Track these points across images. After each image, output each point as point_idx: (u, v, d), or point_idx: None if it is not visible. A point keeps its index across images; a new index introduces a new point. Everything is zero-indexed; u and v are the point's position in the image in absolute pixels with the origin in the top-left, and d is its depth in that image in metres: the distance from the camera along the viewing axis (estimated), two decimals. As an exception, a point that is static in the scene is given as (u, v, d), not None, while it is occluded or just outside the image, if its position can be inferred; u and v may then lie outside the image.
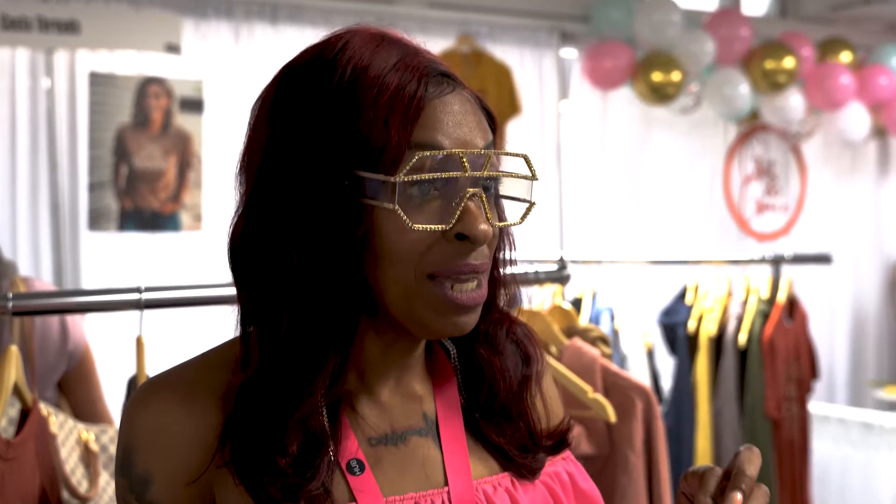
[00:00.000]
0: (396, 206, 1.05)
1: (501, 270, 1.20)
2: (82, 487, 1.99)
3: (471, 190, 1.08)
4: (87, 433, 2.07)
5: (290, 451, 1.06)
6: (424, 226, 1.06)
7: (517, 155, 1.13)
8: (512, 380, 1.23)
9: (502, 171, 1.13)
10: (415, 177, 1.06)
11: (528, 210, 1.17)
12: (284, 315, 1.09)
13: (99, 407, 2.66)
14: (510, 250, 1.21)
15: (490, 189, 1.13)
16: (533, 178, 1.15)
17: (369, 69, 1.09)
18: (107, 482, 2.06)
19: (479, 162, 1.10)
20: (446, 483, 1.15)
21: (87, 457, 2.04)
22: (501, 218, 1.17)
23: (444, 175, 1.07)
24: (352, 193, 1.07)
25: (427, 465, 1.16)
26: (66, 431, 2.02)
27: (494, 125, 1.16)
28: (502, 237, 1.19)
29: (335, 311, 1.09)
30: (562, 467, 1.26)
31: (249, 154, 1.16)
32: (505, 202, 1.20)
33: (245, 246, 1.12)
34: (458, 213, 1.07)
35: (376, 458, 1.14)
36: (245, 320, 1.15)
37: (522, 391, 1.24)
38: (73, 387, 2.61)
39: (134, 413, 1.13)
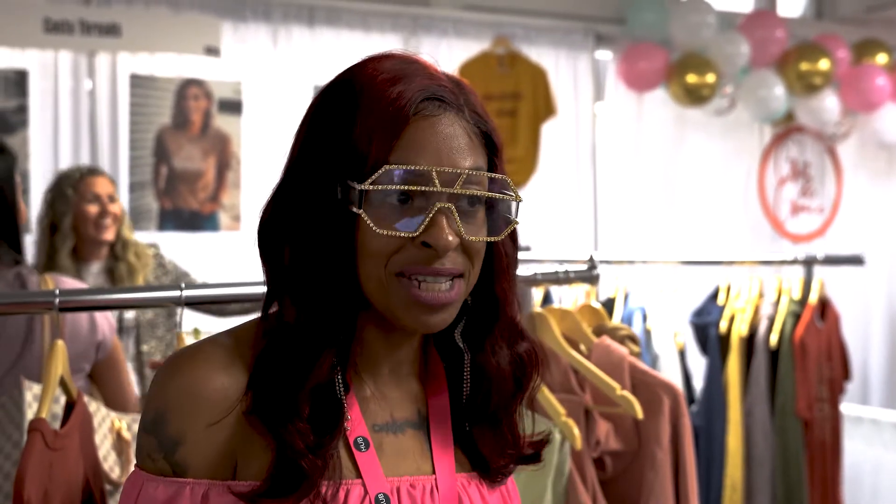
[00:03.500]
0: (361, 212, 1.18)
1: (503, 285, 1.30)
2: (114, 473, 2.05)
3: (440, 204, 1.18)
4: (120, 421, 2.12)
5: (304, 416, 1.18)
6: (387, 231, 1.18)
7: (498, 176, 1.24)
8: (508, 391, 1.33)
9: (479, 191, 1.22)
10: (381, 187, 1.18)
11: (509, 228, 1.27)
12: (291, 298, 1.22)
13: (130, 397, 2.74)
14: (509, 267, 1.31)
15: (474, 206, 1.23)
16: (515, 198, 1.25)
17: (374, 88, 1.21)
18: None
19: (454, 180, 1.20)
20: (433, 472, 1.27)
21: (120, 444, 2.10)
22: (490, 233, 1.26)
23: (409, 188, 1.18)
24: (342, 200, 1.20)
25: (418, 455, 1.28)
26: (100, 418, 2.08)
27: (495, 150, 1.27)
28: (500, 252, 1.29)
29: (333, 301, 1.21)
30: (510, 483, 1.38)
31: (290, 152, 1.28)
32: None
33: (270, 224, 1.25)
34: (426, 224, 1.18)
35: (378, 441, 1.25)
36: (269, 293, 1.27)
37: (513, 403, 1.34)
38: (105, 377, 2.68)
39: (168, 377, 1.22)
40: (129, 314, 3.85)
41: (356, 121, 1.19)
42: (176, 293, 1.84)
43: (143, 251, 3.99)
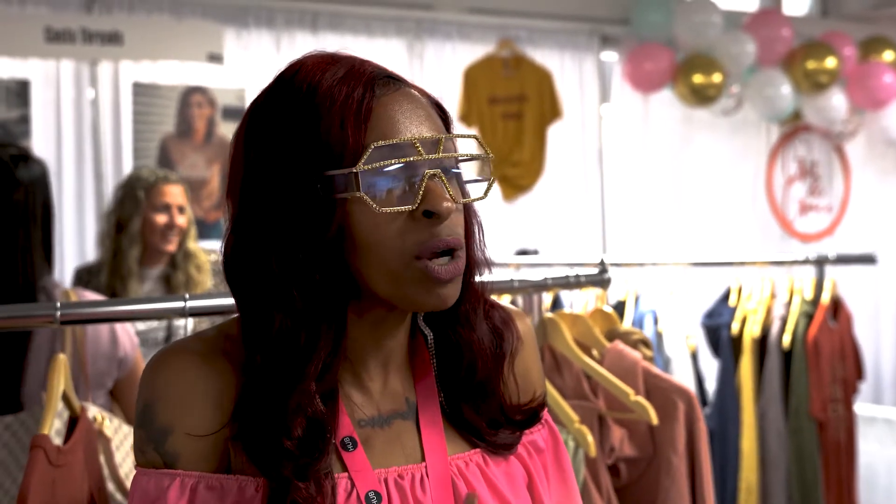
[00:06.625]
0: (362, 193, 1.16)
1: (474, 252, 1.30)
2: None
3: (429, 171, 1.19)
4: None
5: (295, 435, 1.17)
6: (391, 208, 1.17)
7: (468, 136, 1.26)
8: (489, 358, 1.32)
9: (456, 154, 1.24)
10: (375, 165, 1.17)
11: (490, 185, 1.27)
12: (275, 314, 1.19)
13: None
14: (479, 232, 1.31)
15: (450, 172, 1.23)
16: (487, 155, 1.26)
17: (321, 83, 1.21)
18: None
19: (433, 147, 1.21)
20: (424, 459, 1.27)
21: None
22: (466, 197, 1.27)
23: (401, 161, 1.18)
24: (324, 193, 1.18)
25: (407, 444, 1.28)
26: (122, 436, 2.06)
27: (447, 119, 1.29)
28: (470, 218, 1.28)
29: (322, 304, 1.20)
30: (539, 435, 1.39)
31: (232, 182, 1.27)
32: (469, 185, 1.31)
33: (236, 257, 1.23)
34: (421, 193, 1.18)
35: (365, 437, 1.25)
36: (245, 325, 1.24)
37: (496, 369, 1.33)
38: (126, 394, 2.66)
39: (156, 371, 1.22)
40: None
41: (319, 114, 1.19)
42: (180, 304, 1.80)
43: (205, 264, 3.93)
